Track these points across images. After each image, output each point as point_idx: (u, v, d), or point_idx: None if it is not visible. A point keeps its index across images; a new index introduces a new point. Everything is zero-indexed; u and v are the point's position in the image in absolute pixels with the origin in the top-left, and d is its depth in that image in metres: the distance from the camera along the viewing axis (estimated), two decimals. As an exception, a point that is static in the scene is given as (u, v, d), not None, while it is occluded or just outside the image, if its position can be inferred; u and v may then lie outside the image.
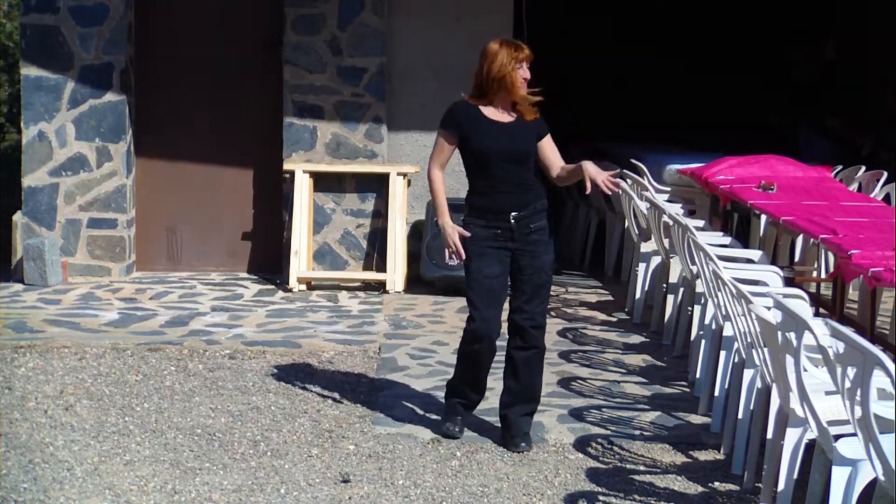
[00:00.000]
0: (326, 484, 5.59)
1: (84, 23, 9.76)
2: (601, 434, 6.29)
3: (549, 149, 6.21)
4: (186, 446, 6.05)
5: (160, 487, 5.51)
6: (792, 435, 4.99)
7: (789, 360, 4.80)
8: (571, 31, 14.62)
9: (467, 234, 6.09)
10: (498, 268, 6.08)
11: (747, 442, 5.68)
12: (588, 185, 5.97)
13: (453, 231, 6.09)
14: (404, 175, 9.82)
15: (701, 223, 8.65)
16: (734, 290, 5.54)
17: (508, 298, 6.22)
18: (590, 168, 6.00)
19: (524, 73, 6.09)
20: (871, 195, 9.36)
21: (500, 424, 6.23)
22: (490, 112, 6.12)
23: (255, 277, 10.07)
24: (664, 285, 8.37)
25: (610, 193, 6.06)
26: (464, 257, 6.08)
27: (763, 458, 5.37)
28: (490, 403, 6.45)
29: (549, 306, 9.25)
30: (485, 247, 6.07)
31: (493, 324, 6.09)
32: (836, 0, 13.74)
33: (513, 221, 6.06)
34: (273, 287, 9.74)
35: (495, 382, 6.42)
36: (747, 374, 5.75)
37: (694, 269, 7.13)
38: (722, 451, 6.03)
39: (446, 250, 6.60)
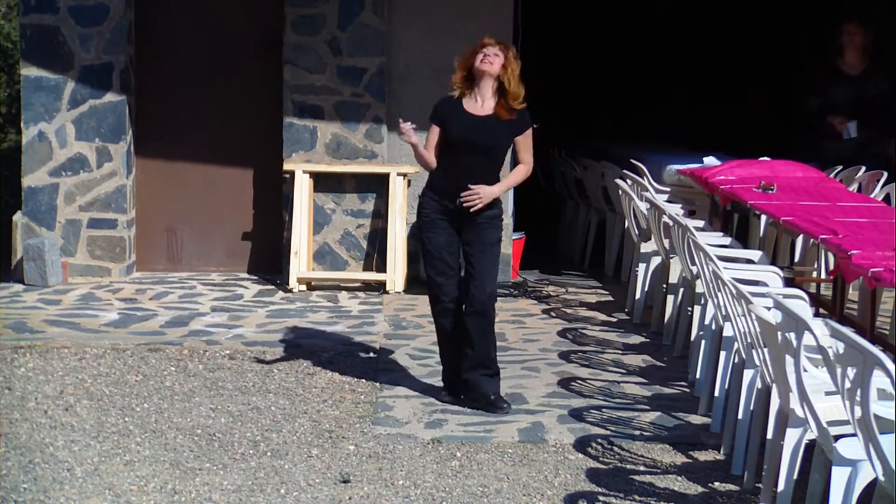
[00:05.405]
0: (326, 484, 5.59)
1: (84, 23, 9.75)
2: (601, 434, 6.29)
3: (520, 145, 6.80)
4: (186, 446, 6.05)
5: (160, 487, 5.51)
6: (792, 435, 4.99)
7: (789, 360, 4.80)
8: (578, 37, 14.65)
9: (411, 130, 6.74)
10: (444, 238, 6.71)
11: (747, 442, 5.67)
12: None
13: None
14: (404, 175, 9.82)
15: (701, 223, 8.65)
16: (734, 291, 5.54)
17: (463, 270, 6.80)
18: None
19: (483, 55, 6.66)
20: (871, 195, 9.35)
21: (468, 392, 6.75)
22: (469, 105, 6.75)
23: (255, 278, 10.07)
24: (664, 285, 8.36)
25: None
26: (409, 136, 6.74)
27: (763, 459, 5.37)
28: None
29: (550, 307, 9.32)
30: (434, 218, 6.72)
31: (445, 287, 6.75)
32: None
33: (458, 204, 6.64)
34: (273, 287, 9.74)
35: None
36: (747, 374, 5.75)
37: (694, 269, 7.13)
38: (722, 452, 6.03)
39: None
